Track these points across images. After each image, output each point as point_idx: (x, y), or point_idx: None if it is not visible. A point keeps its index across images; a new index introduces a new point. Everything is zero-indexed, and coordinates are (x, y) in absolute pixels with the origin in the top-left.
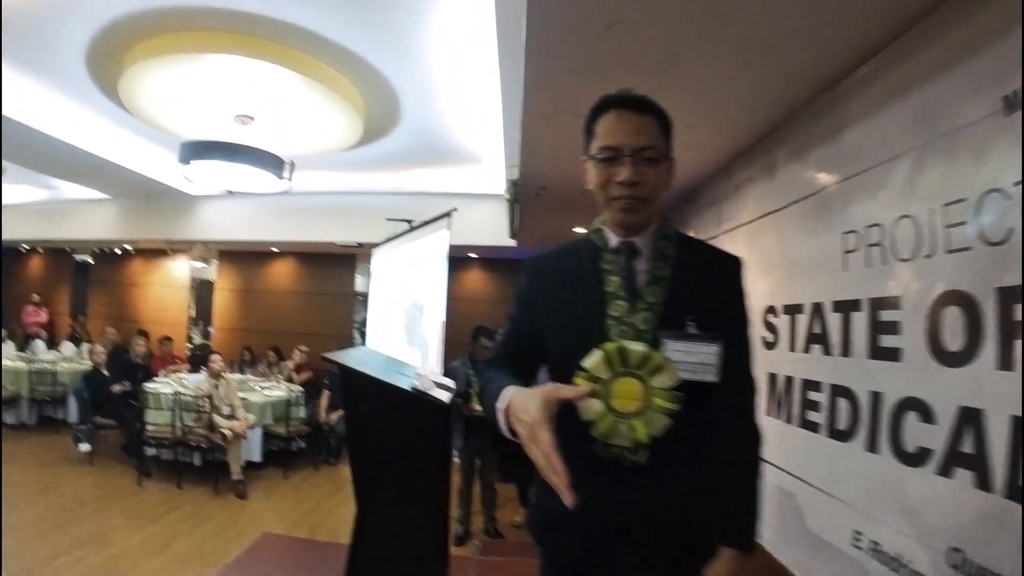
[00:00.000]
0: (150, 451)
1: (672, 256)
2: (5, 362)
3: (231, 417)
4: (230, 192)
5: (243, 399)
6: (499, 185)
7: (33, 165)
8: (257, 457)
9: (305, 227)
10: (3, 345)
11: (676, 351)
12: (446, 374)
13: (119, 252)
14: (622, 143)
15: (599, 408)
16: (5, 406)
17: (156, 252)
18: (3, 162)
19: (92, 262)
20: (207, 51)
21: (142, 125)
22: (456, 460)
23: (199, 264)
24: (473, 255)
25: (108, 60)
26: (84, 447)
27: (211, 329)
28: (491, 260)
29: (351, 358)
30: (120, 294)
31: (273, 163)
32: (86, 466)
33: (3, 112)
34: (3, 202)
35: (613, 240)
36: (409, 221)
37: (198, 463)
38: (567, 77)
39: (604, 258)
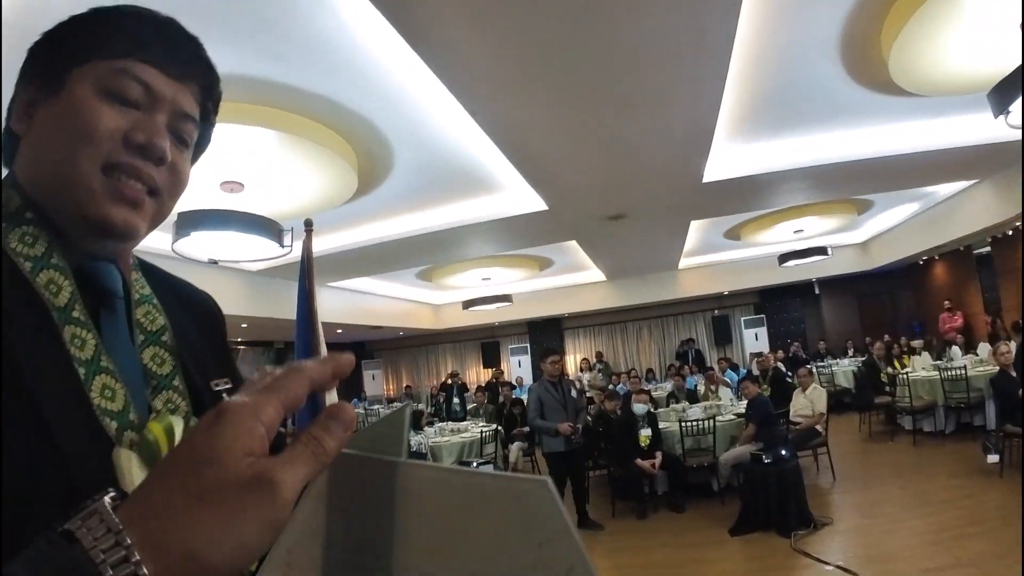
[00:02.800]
0: None
1: None
2: (920, 373)
3: None
4: None
5: None
6: None
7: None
8: None
9: None
10: (921, 355)
11: None
12: None
13: (1010, 233)
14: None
15: None
16: (923, 415)
17: None
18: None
19: (990, 252)
20: None
21: None
22: None
23: None
24: None
25: None
26: (992, 458)
27: None
28: None
29: None
30: None
31: None
32: (993, 478)
33: None
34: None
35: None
36: None
37: None
38: None
39: None
